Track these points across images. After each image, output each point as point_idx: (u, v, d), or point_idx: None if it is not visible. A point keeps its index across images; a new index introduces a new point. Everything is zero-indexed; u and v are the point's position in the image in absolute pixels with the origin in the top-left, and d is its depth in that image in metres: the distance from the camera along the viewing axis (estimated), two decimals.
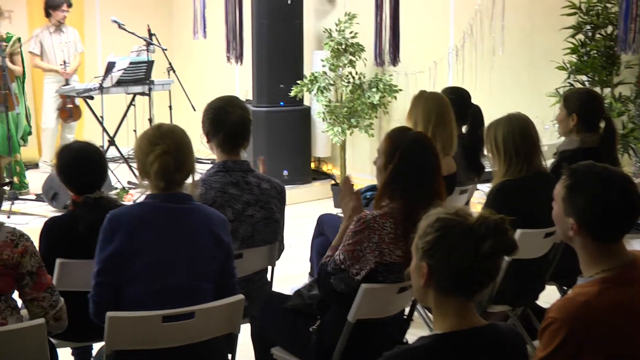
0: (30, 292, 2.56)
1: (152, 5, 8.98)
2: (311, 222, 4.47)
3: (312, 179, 7.52)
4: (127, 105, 7.22)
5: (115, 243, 2.54)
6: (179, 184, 2.65)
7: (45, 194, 6.34)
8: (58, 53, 7.62)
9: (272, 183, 3.25)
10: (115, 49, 7.51)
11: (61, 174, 3.19)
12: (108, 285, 2.57)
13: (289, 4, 7.09)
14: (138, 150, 2.66)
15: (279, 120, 7.19)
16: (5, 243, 2.49)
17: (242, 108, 3.19)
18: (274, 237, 3.27)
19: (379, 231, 2.74)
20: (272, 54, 7.15)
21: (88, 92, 6.81)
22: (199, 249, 2.63)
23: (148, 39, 7.03)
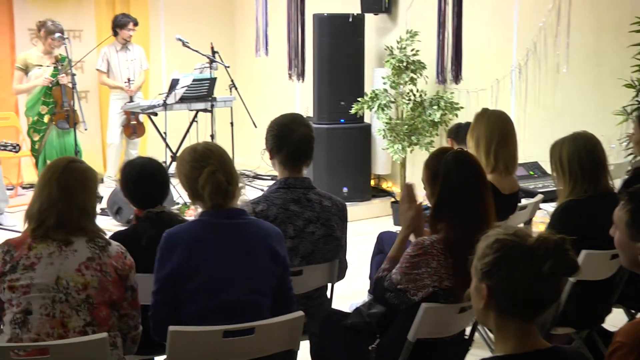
0: (126, 307, 2.65)
1: (215, 23, 9.12)
2: (370, 239, 4.45)
3: (372, 197, 7.49)
4: (189, 121, 7.33)
5: (173, 262, 2.57)
6: (233, 197, 2.68)
7: (110, 209, 6.46)
8: (124, 70, 7.81)
9: (333, 200, 3.24)
10: (179, 67, 7.64)
11: (124, 188, 3.26)
12: (166, 303, 2.60)
13: (350, 21, 7.12)
14: (183, 177, 2.71)
15: (339, 137, 7.20)
16: (118, 254, 2.62)
17: (306, 126, 3.19)
18: (334, 254, 3.26)
19: (437, 257, 2.72)
20: (333, 71, 7.18)
21: (152, 109, 6.94)
22: (255, 264, 2.65)
23: (211, 57, 7.13)
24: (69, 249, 2.53)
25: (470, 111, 6.59)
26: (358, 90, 7.19)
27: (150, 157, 3.42)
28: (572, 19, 6.11)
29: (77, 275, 2.51)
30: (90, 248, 2.56)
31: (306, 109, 8.00)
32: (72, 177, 2.60)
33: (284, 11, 6.89)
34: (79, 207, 2.58)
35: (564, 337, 3.57)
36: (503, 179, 3.79)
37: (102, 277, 2.54)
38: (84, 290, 2.51)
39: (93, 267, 2.54)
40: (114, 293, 2.57)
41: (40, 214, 2.55)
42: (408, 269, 2.73)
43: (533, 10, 6.41)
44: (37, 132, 6.69)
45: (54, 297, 2.49)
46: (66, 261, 2.52)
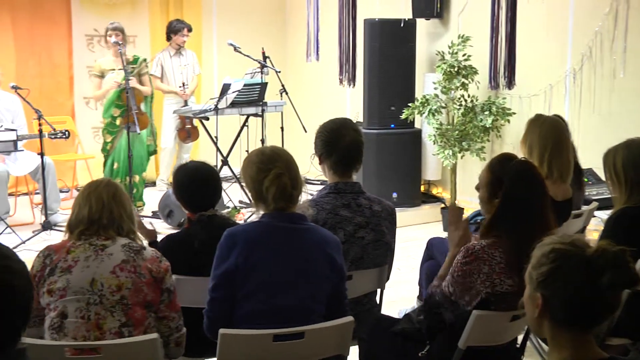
0: (164, 309, 2.68)
1: (267, 28, 9.18)
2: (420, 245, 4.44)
3: (422, 202, 7.46)
4: (240, 126, 7.39)
5: (231, 260, 2.59)
6: (296, 202, 2.70)
7: (161, 212, 6.55)
8: (177, 75, 7.91)
9: (383, 205, 3.23)
10: (231, 71, 7.72)
11: (177, 192, 3.30)
12: (222, 301, 2.62)
13: (401, 26, 7.10)
14: (249, 179, 2.73)
15: (390, 142, 7.18)
16: (153, 258, 2.68)
17: (355, 131, 3.19)
18: (384, 259, 3.25)
19: (489, 262, 2.68)
20: (384, 76, 7.17)
21: (204, 113, 7.01)
22: (312, 270, 2.65)
23: (262, 62, 7.18)
24: (105, 253, 2.60)
25: (522, 117, 6.50)
26: (409, 96, 7.17)
27: (203, 161, 3.45)
28: (630, 23, 5.99)
29: (112, 277, 2.57)
30: (125, 252, 2.63)
31: (356, 114, 8.00)
32: (117, 187, 2.75)
33: (335, 16, 6.89)
34: (127, 212, 2.72)
35: (620, 348, 3.49)
36: (557, 186, 3.74)
37: (136, 279, 2.59)
38: (118, 291, 2.56)
39: (127, 269, 2.59)
40: (148, 294, 2.61)
41: (91, 217, 2.64)
42: (460, 277, 2.70)
43: (589, 15, 6.30)
44: (109, 134, 6.83)
45: (89, 299, 2.53)
46: (102, 264, 2.58)
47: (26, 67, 7.88)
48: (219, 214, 3.29)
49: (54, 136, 6.34)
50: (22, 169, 6.52)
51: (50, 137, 6.33)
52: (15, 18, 7.93)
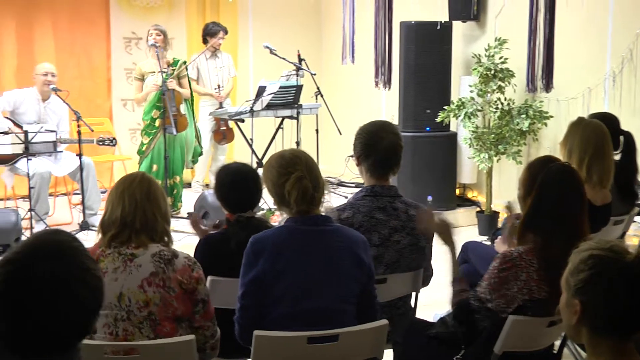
0: (199, 319, 2.63)
1: (302, 31, 9.20)
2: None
3: (457, 206, 7.41)
4: (275, 128, 7.41)
5: (259, 267, 2.60)
6: (319, 204, 2.69)
7: (197, 213, 6.58)
8: (213, 77, 7.97)
9: (419, 209, 3.22)
10: (266, 74, 7.75)
11: (218, 192, 3.32)
12: (252, 308, 2.63)
13: (438, 29, 7.07)
14: (270, 183, 2.74)
15: (425, 145, 7.15)
16: (184, 268, 2.57)
17: (394, 134, 3.18)
18: (419, 263, 3.24)
19: (526, 268, 2.66)
20: (420, 79, 7.14)
21: (239, 115, 7.04)
22: (340, 271, 2.65)
23: (298, 64, 7.19)
24: (133, 264, 2.52)
25: (560, 120, 6.44)
26: (444, 99, 7.14)
27: (245, 163, 3.49)
28: None
29: (139, 292, 2.50)
30: (154, 262, 2.54)
31: (391, 117, 7.97)
32: (151, 183, 2.65)
33: (371, 19, 6.88)
34: (161, 211, 2.62)
35: None
36: (596, 191, 3.69)
37: (164, 293, 2.52)
38: (146, 307, 2.50)
39: (156, 283, 2.52)
40: (178, 308, 2.55)
41: (123, 218, 2.56)
42: (497, 284, 2.68)
43: (629, 17, 6.21)
44: (147, 135, 6.87)
45: (116, 315, 2.48)
46: (129, 277, 2.51)
47: (66, 69, 7.99)
48: (257, 216, 3.31)
49: (102, 143, 6.43)
50: (64, 169, 6.61)
51: (98, 143, 6.42)
52: (56, 21, 8.05)
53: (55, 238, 1.59)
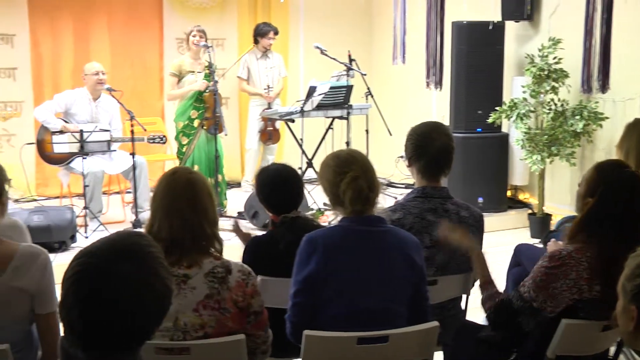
0: (251, 329, 2.59)
1: (353, 31, 9.20)
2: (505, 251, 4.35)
3: (508, 207, 7.32)
4: (325, 128, 7.42)
5: (312, 265, 2.60)
6: (373, 205, 2.68)
7: (247, 212, 6.64)
8: (263, 78, 8.01)
9: (471, 211, 3.19)
10: (317, 74, 7.76)
11: (260, 194, 3.34)
12: (304, 306, 2.64)
13: (490, 29, 7.00)
14: (325, 182, 2.73)
15: (476, 146, 7.08)
16: (238, 284, 2.51)
17: (446, 135, 3.16)
18: (470, 265, 3.20)
19: (576, 267, 2.61)
20: (471, 79, 7.08)
21: (289, 115, 7.07)
22: (393, 272, 2.64)
23: (348, 64, 7.19)
24: (187, 286, 2.46)
25: (616, 122, 6.30)
26: (496, 99, 7.06)
27: (285, 164, 3.48)
28: None
29: (195, 316, 2.45)
30: (208, 283, 2.47)
31: (442, 117, 7.92)
32: (195, 188, 2.52)
33: (422, 19, 6.85)
34: (209, 218, 2.52)
35: None
36: None
37: (219, 316, 2.47)
38: (201, 329, 2.47)
39: (210, 306, 2.46)
40: (233, 327, 2.51)
41: (172, 238, 2.46)
42: (544, 282, 2.63)
43: None
44: (186, 136, 6.92)
45: (172, 335, 2.46)
46: (184, 300, 2.45)
47: (120, 69, 8.13)
48: (303, 216, 3.31)
49: (152, 141, 6.53)
50: (117, 167, 6.72)
51: (148, 141, 6.52)
52: (111, 22, 8.20)
53: (134, 240, 1.63)
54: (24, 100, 7.75)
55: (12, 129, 7.66)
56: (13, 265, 2.45)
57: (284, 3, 8.73)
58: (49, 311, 2.49)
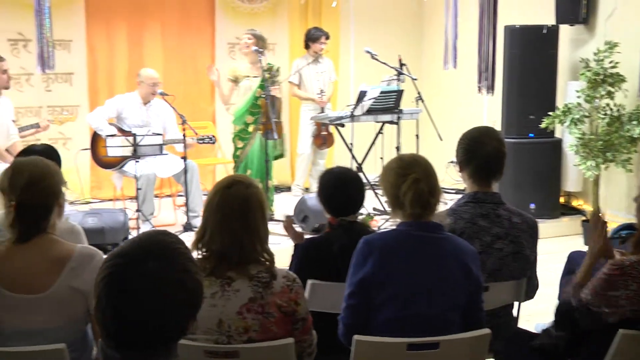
0: (298, 335, 2.58)
1: (404, 36, 9.17)
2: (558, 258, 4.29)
3: (561, 214, 7.21)
4: (375, 133, 7.41)
5: (367, 268, 2.60)
6: (433, 210, 2.67)
7: (297, 216, 6.65)
8: (314, 82, 8.03)
9: (523, 217, 3.15)
10: (367, 79, 7.75)
11: (321, 195, 3.34)
12: (358, 308, 2.63)
13: (544, 33, 6.90)
14: (387, 184, 2.72)
15: (528, 151, 6.99)
16: (283, 290, 2.51)
17: (498, 140, 3.13)
18: (522, 272, 3.16)
19: (638, 279, 2.56)
20: (524, 84, 7.00)
21: (340, 120, 7.07)
22: (448, 279, 2.62)
23: (399, 69, 7.17)
24: (231, 288, 2.47)
25: None
26: (549, 104, 6.96)
27: (349, 167, 3.49)
28: None
29: (239, 319, 2.45)
30: (252, 287, 2.47)
31: (493, 123, 7.83)
32: (249, 205, 2.52)
33: (474, 23, 6.79)
34: (260, 237, 2.53)
35: None
36: None
37: (263, 320, 2.47)
38: (246, 333, 2.46)
39: (255, 310, 2.46)
40: (278, 333, 2.50)
41: (222, 251, 2.48)
42: (603, 289, 2.59)
43: None
44: (241, 140, 6.97)
45: (217, 339, 2.47)
46: (228, 303, 2.45)
47: (172, 74, 8.24)
48: (359, 221, 3.31)
49: (202, 141, 6.60)
50: (168, 170, 6.81)
51: (198, 142, 6.59)
52: (165, 28, 8.32)
53: (161, 238, 1.65)
54: (79, 104, 7.91)
55: (68, 132, 7.82)
56: (70, 265, 2.50)
57: (335, 8, 8.75)
58: None
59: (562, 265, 4.11)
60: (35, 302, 2.46)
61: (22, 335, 2.45)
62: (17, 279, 2.47)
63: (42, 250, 2.52)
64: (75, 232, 3.07)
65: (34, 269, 2.49)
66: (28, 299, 2.46)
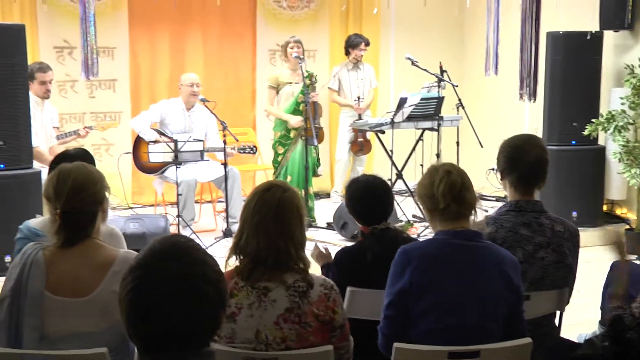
0: (336, 342, 2.56)
1: (444, 42, 9.12)
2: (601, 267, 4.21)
3: (604, 222, 7.10)
4: (415, 140, 7.38)
5: (406, 278, 2.58)
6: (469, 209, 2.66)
7: (336, 223, 6.65)
8: (354, 89, 8.04)
9: (566, 225, 3.10)
10: (407, 85, 7.73)
11: (349, 205, 3.36)
12: (397, 318, 2.62)
13: (587, 39, 6.82)
14: (421, 188, 2.74)
15: (570, 159, 6.91)
16: (320, 298, 2.50)
17: (540, 148, 3.10)
18: (565, 281, 3.12)
19: None
20: (566, 91, 6.92)
21: (380, 127, 7.06)
22: (488, 289, 2.59)
23: (439, 76, 7.14)
24: (267, 299, 2.47)
25: None
26: (592, 111, 6.87)
27: (375, 175, 3.49)
28: None
29: (276, 329, 2.46)
30: (289, 297, 2.47)
31: (535, 130, 7.76)
32: (286, 210, 2.53)
33: (516, 30, 6.73)
34: (296, 242, 2.53)
35: None
36: None
37: (300, 330, 2.46)
38: (283, 342, 2.46)
39: (291, 320, 2.46)
40: (315, 341, 2.49)
41: (258, 254, 2.49)
42: None
43: None
44: (282, 146, 7.01)
45: (255, 347, 2.47)
46: (265, 313, 2.46)
47: (213, 81, 8.31)
48: (392, 227, 3.30)
49: (243, 151, 6.65)
50: (208, 175, 6.87)
51: (239, 151, 6.64)
52: (206, 35, 8.39)
53: (172, 241, 1.69)
54: (122, 110, 8.02)
55: (110, 138, 7.93)
56: (113, 270, 2.53)
57: (376, 14, 8.74)
58: None
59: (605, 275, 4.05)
60: (78, 306, 2.49)
61: (66, 339, 2.48)
62: (62, 283, 2.51)
63: (86, 255, 2.55)
64: (114, 235, 3.11)
65: (78, 273, 2.52)
66: (72, 302, 2.49)
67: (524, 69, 6.60)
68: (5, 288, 2.55)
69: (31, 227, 3.11)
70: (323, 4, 8.76)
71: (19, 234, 3.13)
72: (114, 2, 7.85)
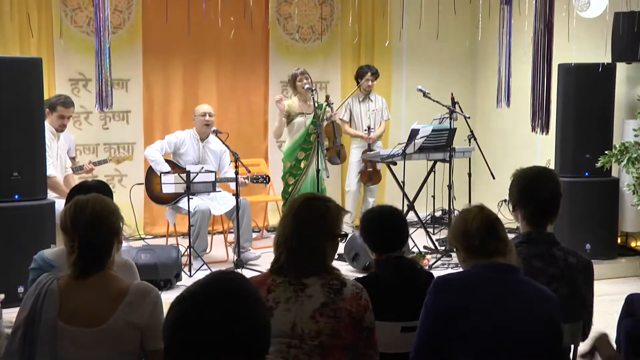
0: (363, 347, 2.64)
1: (456, 74, 9.16)
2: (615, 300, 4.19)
3: (618, 255, 7.05)
4: (427, 171, 7.38)
5: (438, 306, 2.57)
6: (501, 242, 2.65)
7: (347, 254, 6.63)
8: (364, 120, 8.07)
9: (579, 258, 3.08)
10: (419, 117, 7.75)
11: (364, 233, 3.37)
12: (429, 349, 2.59)
13: (599, 71, 6.83)
14: (455, 229, 2.75)
15: (583, 191, 6.89)
16: (353, 296, 2.63)
17: (554, 182, 3.09)
18: (579, 314, 3.09)
19: None
20: (579, 122, 6.92)
21: (391, 158, 7.07)
22: (524, 325, 2.55)
23: (451, 107, 7.15)
24: (304, 294, 2.60)
25: None
26: (605, 143, 6.86)
27: (390, 205, 3.51)
28: None
29: (312, 323, 2.57)
30: (324, 292, 2.61)
31: (548, 161, 7.74)
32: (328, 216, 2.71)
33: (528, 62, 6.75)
34: (328, 250, 2.70)
35: None
36: None
37: (334, 324, 2.57)
38: (317, 337, 2.55)
39: (327, 314, 2.57)
40: (347, 338, 2.59)
41: (295, 256, 2.65)
42: None
43: None
44: (292, 177, 7.05)
45: (289, 342, 2.55)
46: (301, 307, 2.58)
47: (226, 112, 8.35)
48: (406, 257, 3.31)
49: (256, 181, 6.68)
50: (222, 208, 6.88)
51: (252, 181, 6.67)
52: (220, 68, 8.44)
53: (227, 280, 1.70)
54: (135, 142, 8.07)
55: (123, 169, 7.97)
56: (127, 300, 2.54)
57: (387, 47, 8.79)
58: (157, 347, 2.55)
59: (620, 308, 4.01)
60: (92, 336, 2.49)
61: None
62: (75, 313, 2.51)
63: (100, 286, 2.57)
64: (128, 266, 3.12)
65: (92, 303, 2.53)
66: (85, 332, 2.50)
67: (536, 101, 6.60)
68: (19, 317, 2.56)
69: (45, 258, 3.13)
70: (335, 36, 8.82)
71: (33, 263, 3.15)
72: (129, 35, 7.93)
